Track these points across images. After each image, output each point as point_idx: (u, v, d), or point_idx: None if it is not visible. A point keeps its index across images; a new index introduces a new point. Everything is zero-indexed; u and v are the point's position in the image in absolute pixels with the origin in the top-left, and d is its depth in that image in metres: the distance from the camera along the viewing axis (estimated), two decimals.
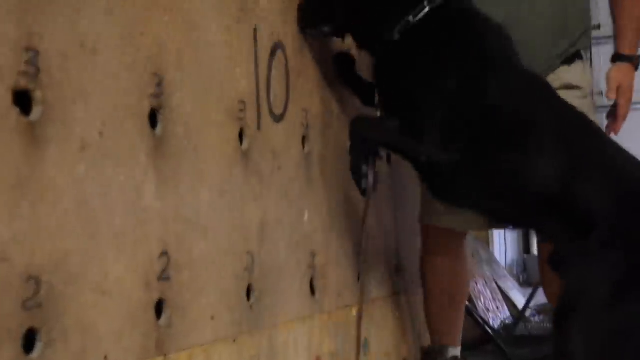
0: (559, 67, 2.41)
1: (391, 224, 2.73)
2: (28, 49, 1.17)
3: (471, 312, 3.64)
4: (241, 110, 1.79)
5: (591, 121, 2.11)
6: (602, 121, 2.49)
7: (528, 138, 1.97)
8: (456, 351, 2.84)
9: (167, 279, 1.50)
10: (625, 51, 2.42)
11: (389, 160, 2.59)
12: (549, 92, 2.09)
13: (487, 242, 5.53)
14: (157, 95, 1.49)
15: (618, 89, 2.40)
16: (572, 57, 2.46)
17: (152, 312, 1.45)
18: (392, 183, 2.76)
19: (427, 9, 1.95)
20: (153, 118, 1.49)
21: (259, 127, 1.87)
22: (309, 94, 2.16)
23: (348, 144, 2.13)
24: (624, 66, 2.42)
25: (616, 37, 2.46)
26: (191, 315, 1.57)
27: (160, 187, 1.49)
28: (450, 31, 2.00)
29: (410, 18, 1.96)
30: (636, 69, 2.43)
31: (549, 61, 2.38)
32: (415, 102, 1.96)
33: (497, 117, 1.97)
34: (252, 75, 1.85)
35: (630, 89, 2.42)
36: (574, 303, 1.85)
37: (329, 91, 2.28)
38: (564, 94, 2.25)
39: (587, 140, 2.01)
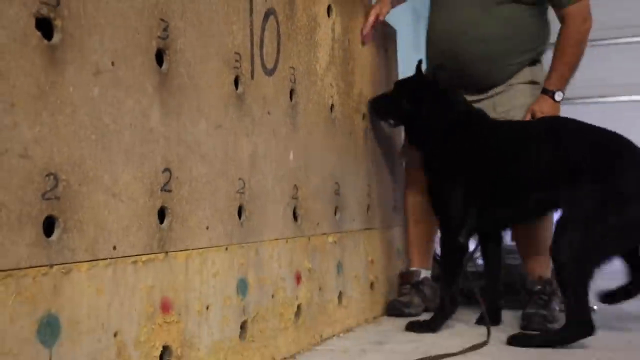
0: (525, 68, 2.71)
1: (366, 173, 2.72)
2: None
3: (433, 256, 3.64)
4: (237, 61, 1.76)
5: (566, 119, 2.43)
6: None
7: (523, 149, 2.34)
8: (427, 273, 2.87)
9: (169, 191, 1.48)
10: (551, 87, 2.59)
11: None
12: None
13: None
14: (164, 38, 1.46)
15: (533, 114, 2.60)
16: (534, 61, 2.73)
17: (155, 216, 1.44)
18: (368, 139, 2.74)
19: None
20: (159, 57, 1.46)
21: (252, 77, 1.85)
22: (297, 55, 2.13)
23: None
24: (545, 98, 2.60)
25: (547, 74, 2.63)
26: (189, 224, 1.56)
27: (165, 115, 1.47)
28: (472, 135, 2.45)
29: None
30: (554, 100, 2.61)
31: (518, 66, 2.70)
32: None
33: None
34: (247, 33, 1.82)
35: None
36: (564, 221, 2.19)
37: (314, 55, 2.26)
38: (529, 87, 2.70)
39: (563, 125, 2.35)
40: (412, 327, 2.44)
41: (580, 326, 2.09)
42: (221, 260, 1.68)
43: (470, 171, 2.40)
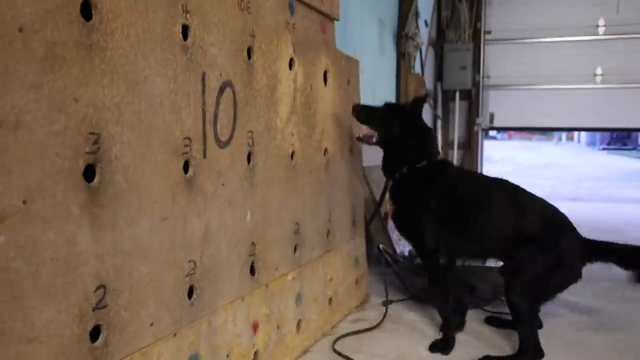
0: None
1: (326, 202, 2.42)
2: None
3: (383, 249, 3.37)
4: (186, 146, 1.43)
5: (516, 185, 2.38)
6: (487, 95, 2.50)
7: (489, 209, 2.30)
8: None
9: (104, 307, 1.19)
10: None
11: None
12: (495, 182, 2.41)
13: None
14: (94, 152, 1.13)
15: None
16: None
17: (86, 341, 1.14)
18: (329, 169, 2.44)
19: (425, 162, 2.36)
20: (89, 172, 1.14)
21: (204, 156, 1.52)
22: (255, 117, 1.79)
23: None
24: None
25: None
26: (129, 329, 1.26)
27: (97, 230, 1.15)
28: (435, 173, 2.36)
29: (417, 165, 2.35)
30: None
31: None
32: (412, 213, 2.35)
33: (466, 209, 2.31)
34: (199, 114, 1.49)
35: None
36: (517, 271, 2.20)
37: (274, 111, 1.92)
38: None
39: (520, 197, 2.32)
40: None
41: (531, 351, 2.16)
42: (168, 349, 1.40)
43: (437, 206, 2.33)
